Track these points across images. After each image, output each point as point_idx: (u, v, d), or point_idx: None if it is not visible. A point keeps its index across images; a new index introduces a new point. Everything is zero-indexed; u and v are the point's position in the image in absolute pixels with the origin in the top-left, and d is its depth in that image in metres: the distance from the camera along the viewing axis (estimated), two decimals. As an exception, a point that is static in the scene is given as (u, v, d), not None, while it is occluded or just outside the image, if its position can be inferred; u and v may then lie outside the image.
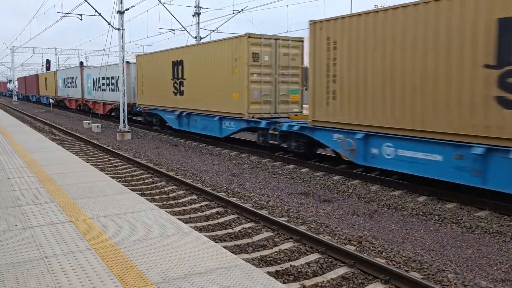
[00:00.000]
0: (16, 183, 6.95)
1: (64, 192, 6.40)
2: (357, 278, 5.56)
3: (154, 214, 5.30)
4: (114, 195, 6.23)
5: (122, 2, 20.72)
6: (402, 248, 6.73)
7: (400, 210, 8.77)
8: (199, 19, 28.82)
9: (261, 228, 7.45)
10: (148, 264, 3.81)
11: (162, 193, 10.07)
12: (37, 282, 3.46)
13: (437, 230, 7.67)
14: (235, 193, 9.89)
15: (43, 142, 12.37)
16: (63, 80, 39.39)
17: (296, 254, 6.36)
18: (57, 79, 41.64)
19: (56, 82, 42.01)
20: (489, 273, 5.93)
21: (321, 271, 5.80)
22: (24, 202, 5.81)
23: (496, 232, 7.40)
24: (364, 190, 10.17)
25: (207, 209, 8.76)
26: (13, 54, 61.79)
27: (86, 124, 25.76)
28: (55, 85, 42.53)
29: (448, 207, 8.71)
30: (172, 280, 3.50)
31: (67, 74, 38.19)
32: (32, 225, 4.88)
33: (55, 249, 4.15)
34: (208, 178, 11.70)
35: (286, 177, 11.82)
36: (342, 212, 8.72)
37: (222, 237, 7.14)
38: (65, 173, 7.77)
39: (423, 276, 5.60)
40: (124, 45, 21.34)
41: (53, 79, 42.81)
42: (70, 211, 5.40)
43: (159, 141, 19.58)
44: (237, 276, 3.59)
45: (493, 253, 6.62)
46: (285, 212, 8.43)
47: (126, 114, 21.23)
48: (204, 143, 17.95)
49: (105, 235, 4.56)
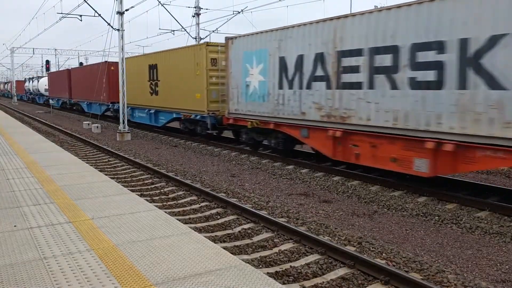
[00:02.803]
0: (15, 184, 6.94)
1: (63, 192, 6.39)
2: (357, 279, 5.55)
3: (154, 215, 5.29)
4: (113, 195, 6.22)
5: (122, 2, 20.72)
6: (402, 249, 6.72)
7: (400, 210, 8.77)
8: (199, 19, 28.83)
9: (260, 229, 7.44)
10: (147, 265, 3.80)
11: (161, 194, 10.06)
12: (36, 283, 3.45)
13: (437, 230, 7.66)
14: (235, 194, 9.88)
15: (43, 142, 12.36)
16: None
17: (296, 254, 6.35)
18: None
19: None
20: (489, 274, 5.92)
21: (321, 272, 5.79)
22: (23, 203, 5.80)
23: (496, 232, 7.39)
24: (364, 190, 10.17)
25: (207, 209, 8.75)
26: (13, 55, 61.81)
27: (86, 124, 25.76)
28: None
29: (448, 208, 8.70)
30: (172, 281, 3.49)
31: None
32: (31, 226, 4.87)
33: (54, 250, 4.14)
34: (207, 178, 11.69)
35: (285, 178, 11.81)
36: (342, 212, 8.71)
37: (221, 237, 7.13)
38: (65, 174, 7.76)
39: (423, 277, 5.59)
40: (124, 45, 21.34)
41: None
42: (70, 212, 5.39)
43: (158, 141, 19.58)
44: (237, 277, 3.58)
45: (493, 254, 6.61)
46: (284, 213, 8.42)
47: (125, 114, 21.23)
48: (204, 144, 17.95)
49: (105, 236, 4.55)
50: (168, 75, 20.01)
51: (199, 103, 17.47)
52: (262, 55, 13.70)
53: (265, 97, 13.67)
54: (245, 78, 14.57)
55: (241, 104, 14.92)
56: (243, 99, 14.78)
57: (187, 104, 18.40)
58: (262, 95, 13.81)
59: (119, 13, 20.70)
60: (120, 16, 20.77)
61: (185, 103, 18.61)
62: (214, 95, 17.11)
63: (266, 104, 13.68)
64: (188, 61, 18.16)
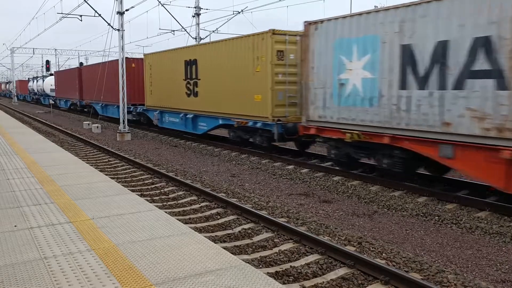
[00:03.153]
0: (15, 184, 6.95)
1: (63, 193, 6.40)
2: (357, 279, 5.55)
3: (154, 215, 5.29)
4: (113, 195, 6.23)
5: (122, 3, 20.73)
6: (402, 249, 6.73)
7: (400, 210, 8.77)
8: (199, 20, 28.84)
9: (261, 229, 7.44)
10: (147, 265, 3.80)
11: (162, 194, 10.06)
12: (37, 283, 3.46)
13: (437, 230, 7.66)
14: (235, 194, 9.89)
15: (43, 143, 12.36)
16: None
17: (296, 254, 6.35)
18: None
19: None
20: (489, 274, 5.92)
21: (321, 271, 5.79)
22: (24, 203, 5.81)
23: (496, 232, 7.39)
24: (364, 190, 10.17)
25: (207, 209, 8.76)
26: (13, 55, 61.84)
27: (86, 125, 25.76)
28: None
29: (448, 208, 8.71)
30: (172, 281, 3.50)
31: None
32: (32, 226, 4.87)
33: (54, 250, 4.15)
34: (208, 178, 11.69)
35: (286, 178, 11.81)
36: (342, 212, 8.71)
37: (221, 237, 7.13)
38: (65, 174, 7.77)
39: (423, 277, 5.59)
40: (124, 45, 21.35)
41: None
42: (70, 212, 5.40)
43: (159, 141, 19.58)
44: (237, 277, 3.58)
45: (493, 254, 6.62)
46: (285, 213, 8.43)
47: (125, 114, 21.22)
48: (204, 144, 17.95)
49: (105, 236, 4.55)
50: (213, 72, 16.68)
51: (259, 107, 14.04)
52: (369, 44, 10.44)
53: (374, 101, 10.36)
54: (338, 75, 11.32)
55: (331, 110, 11.58)
56: (333, 102, 11.50)
57: (242, 109, 14.95)
58: (368, 98, 10.48)
59: (119, 13, 20.71)
60: (120, 16, 20.78)
61: (238, 107, 15.20)
62: (280, 97, 13.73)
63: (375, 109, 10.36)
64: (244, 55, 14.71)
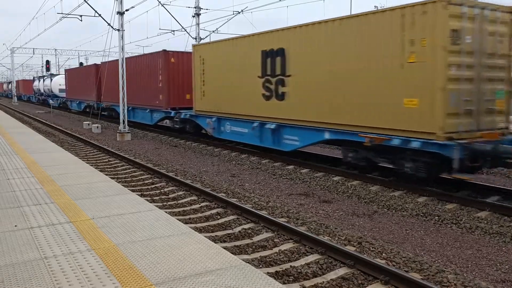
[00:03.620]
0: (16, 184, 6.95)
1: (63, 192, 6.40)
2: (357, 279, 5.55)
3: (154, 215, 5.29)
4: (114, 195, 6.23)
5: (122, 3, 20.73)
6: (402, 249, 6.73)
7: (400, 210, 8.77)
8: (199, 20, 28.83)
9: (261, 229, 7.45)
10: (148, 265, 3.81)
11: (162, 194, 10.06)
12: (37, 283, 3.46)
13: (437, 230, 7.66)
14: (235, 194, 9.89)
15: (43, 143, 12.37)
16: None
17: (296, 254, 6.36)
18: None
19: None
20: (489, 274, 5.92)
21: (321, 271, 5.79)
22: (24, 203, 5.81)
23: (496, 232, 7.39)
24: (364, 190, 10.17)
25: (207, 209, 8.76)
26: (13, 55, 61.86)
27: (86, 125, 25.76)
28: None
29: (448, 208, 8.71)
30: (172, 281, 3.50)
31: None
32: (32, 225, 4.88)
33: (54, 250, 4.15)
34: (208, 178, 11.69)
35: (286, 178, 11.81)
36: (342, 212, 8.72)
37: (222, 237, 7.14)
38: (65, 174, 7.77)
39: (423, 277, 5.59)
40: (124, 45, 21.35)
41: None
42: (70, 212, 5.40)
43: (158, 142, 19.58)
44: (237, 276, 3.58)
45: (493, 254, 6.62)
46: (285, 213, 8.43)
47: (126, 114, 21.22)
48: (204, 144, 17.95)
49: (105, 235, 4.56)
50: (316, 66, 11.94)
51: (414, 117, 9.37)
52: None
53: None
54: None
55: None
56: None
57: (379, 118, 10.18)
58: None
59: (119, 13, 20.71)
60: (120, 16, 20.78)
61: (370, 116, 10.39)
62: (453, 102, 8.99)
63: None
64: (383, 38, 10.00)
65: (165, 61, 19.83)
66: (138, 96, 22.81)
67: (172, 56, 20.06)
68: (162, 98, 20.29)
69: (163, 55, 19.93)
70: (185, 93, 19.98)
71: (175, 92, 20.11)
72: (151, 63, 21.13)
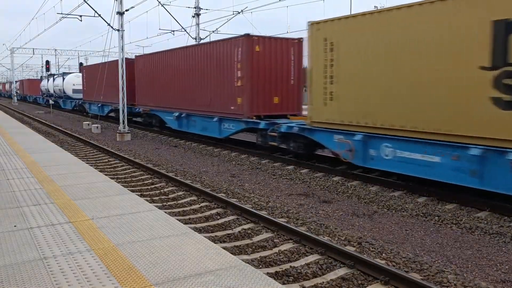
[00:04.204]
0: (15, 184, 6.95)
1: (63, 193, 6.39)
2: (357, 279, 5.55)
3: (154, 215, 5.29)
4: (113, 196, 6.22)
5: (122, 3, 20.73)
6: (402, 249, 6.72)
7: (400, 211, 8.77)
8: (198, 20, 28.84)
9: (260, 229, 7.44)
10: (147, 265, 3.80)
11: (161, 194, 10.06)
12: (36, 283, 3.45)
13: (437, 231, 7.66)
14: (235, 194, 9.88)
15: (43, 143, 12.36)
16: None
17: (295, 255, 6.35)
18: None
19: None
20: (489, 274, 5.92)
21: (321, 272, 5.79)
22: (23, 203, 5.80)
23: (496, 233, 7.39)
24: (364, 191, 10.17)
25: (207, 210, 8.75)
26: (13, 55, 61.86)
27: (86, 125, 25.75)
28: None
29: (448, 208, 8.70)
30: (172, 281, 3.49)
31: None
32: (31, 226, 4.87)
33: (54, 250, 4.14)
34: (207, 179, 11.69)
35: (285, 178, 11.80)
36: (342, 213, 8.71)
37: (221, 238, 7.13)
38: (65, 174, 7.76)
39: (423, 277, 5.59)
40: (124, 46, 21.34)
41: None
42: (69, 212, 5.40)
43: (158, 142, 19.57)
44: (237, 277, 3.58)
45: (493, 254, 6.61)
46: (284, 213, 8.42)
47: (126, 114, 21.21)
48: (204, 144, 17.94)
49: (105, 236, 4.55)
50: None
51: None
52: None
53: None
54: None
55: None
56: None
57: None
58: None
59: (119, 13, 20.71)
60: (120, 16, 20.78)
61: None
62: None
63: None
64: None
65: (248, 50, 14.31)
66: (193, 99, 17.64)
67: (257, 43, 14.47)
68: (241, 102, 14.84)
69: (245, 41, 14.39)
70: (272, 95, 14.84)
71: (261, 93, 14.66)
72: (221, 53, 15.76)
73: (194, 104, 17.74)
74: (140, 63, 22.77)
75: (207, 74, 16.77)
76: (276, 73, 14.88)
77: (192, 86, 17.78)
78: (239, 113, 15.06)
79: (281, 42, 14.97)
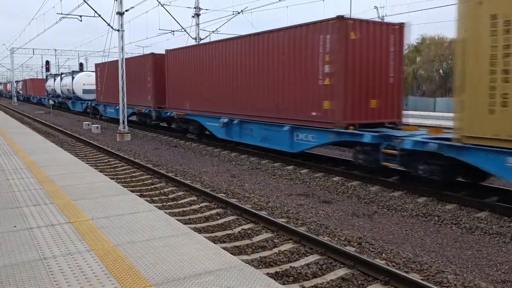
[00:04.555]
0: (15, 184, 6.95)
1: (63, 193, 6.39)
2: (357, 279, 5.55)
3: (154, 215, 5.29)
4: (113, 196, 6.22)
5: (122, 3, 20.73)
6: (402, 249, 6.72)
7: (400, 211, 8.76)
8: (198, 20, 28.86)
9: (260, 229, 7.44)
10: (147, 265, 3.80)
11: (161, 194, 10.05)
12: (36, 284, 3.45)
13: (437, 231, 7.66)
14: (235, 194, 9.88)
15: (43, 143, 12.36)
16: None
17: (295, 255, 6.35)
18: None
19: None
20: (489, 274, 5.92)
21: (321, 272, 5.78)
22: (23, 203, 5.80)
23: (496, 233, 7.39)
24: (364, 191, 10.16)
25: (207, 210, 8.75)
26: (13, 55, 61.87)
27: (86, 125, 25.75)
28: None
29: (448, 208, 8.70)
30: (172, 282, 3.49)
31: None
32: (31, 226, 4.87)
33: (54, 250, 4.14)
34: (207, 179, 11.68)
35: (285, 178, 11.80)
36: (342, 213, 8.71)
37: (221, 238, 7.13)
38: (65, 174, 7.76)
39: (423, 277, 5.59)
40: (124, 46, 21.34)
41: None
42: (69, 212, 5.39)
43: (158, 142, 19.57)
44: (237, 277, 3.58)
45: (493, 254, 6.61)
46: (284, 213, 8.42)
47: (125, 115, 21.21)
48: (204, 144, 17.93)
49: (104, 236, 4.55)
50: None
51: None
52: None
53: None
54: None
55: None
56: None
57: None
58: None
59: (119, 13, 20.71)
60: (120, 16, 20.78)
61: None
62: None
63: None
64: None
65: (341, 38, 10.96)
66: (251, 102, 14.31)
67: (353, 28, 11.09)
68: (330, 106, 11.37)
69: (336, 26, 11.04)
70: (368, 98, 11.45)
71: (357, 95, 11.26)
72: (297, 43, 12.27)
73: (252, 108, 14.23)
74: (173, 58, 19.06)
75: (274, 70, 13.17)
76: (374, 68, 11.43)
77: (249, 85, 14.21)
78: (326, 121, 11.47)
79: (380, 28, 11.57)
